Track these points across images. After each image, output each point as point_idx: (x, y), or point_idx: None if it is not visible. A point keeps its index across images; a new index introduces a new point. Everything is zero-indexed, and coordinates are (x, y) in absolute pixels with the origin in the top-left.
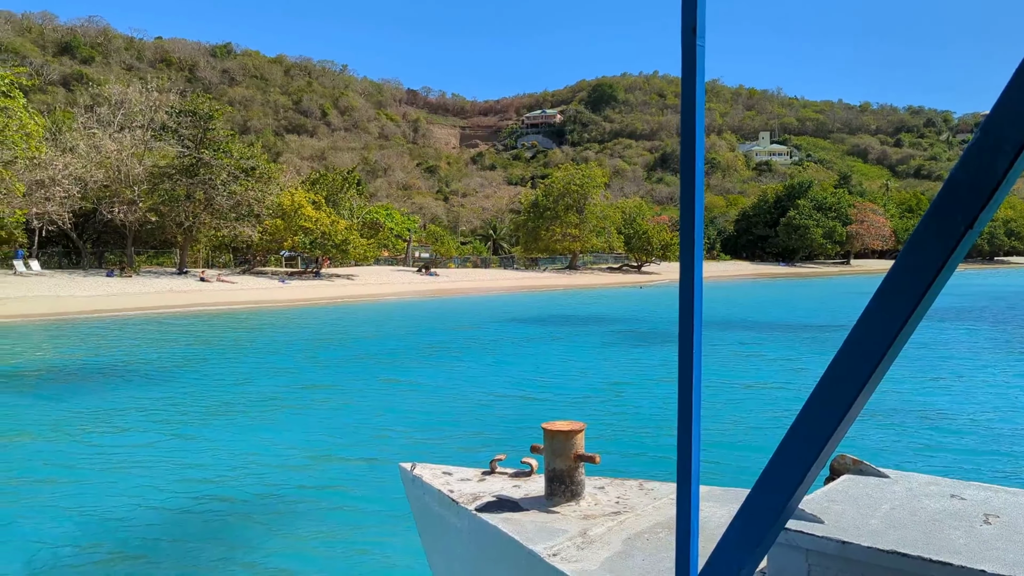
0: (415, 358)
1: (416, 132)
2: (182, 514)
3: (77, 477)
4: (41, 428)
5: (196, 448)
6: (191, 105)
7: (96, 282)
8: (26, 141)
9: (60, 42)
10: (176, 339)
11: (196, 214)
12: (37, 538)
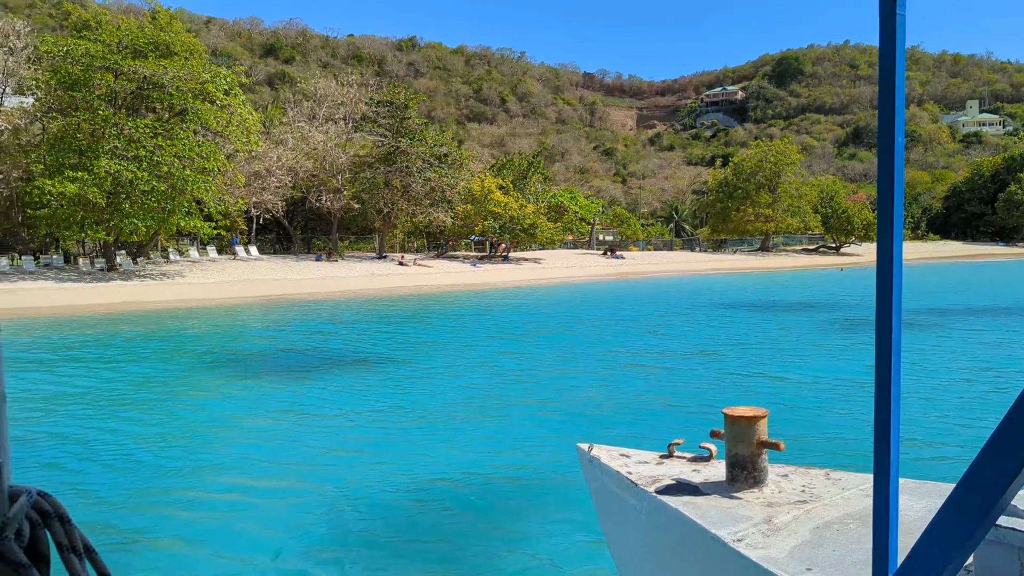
0: (611, 338)
1: (593, 115)
2: (414, 500)
3: (309, 459)
4: (280, 409)
5: (424, 432)
6: (388, 95)
7: (306, 266)
8: (246, 136)
9: (265, 44)
10: (394, 320)
11: (394, 201)
12: (286, 522)
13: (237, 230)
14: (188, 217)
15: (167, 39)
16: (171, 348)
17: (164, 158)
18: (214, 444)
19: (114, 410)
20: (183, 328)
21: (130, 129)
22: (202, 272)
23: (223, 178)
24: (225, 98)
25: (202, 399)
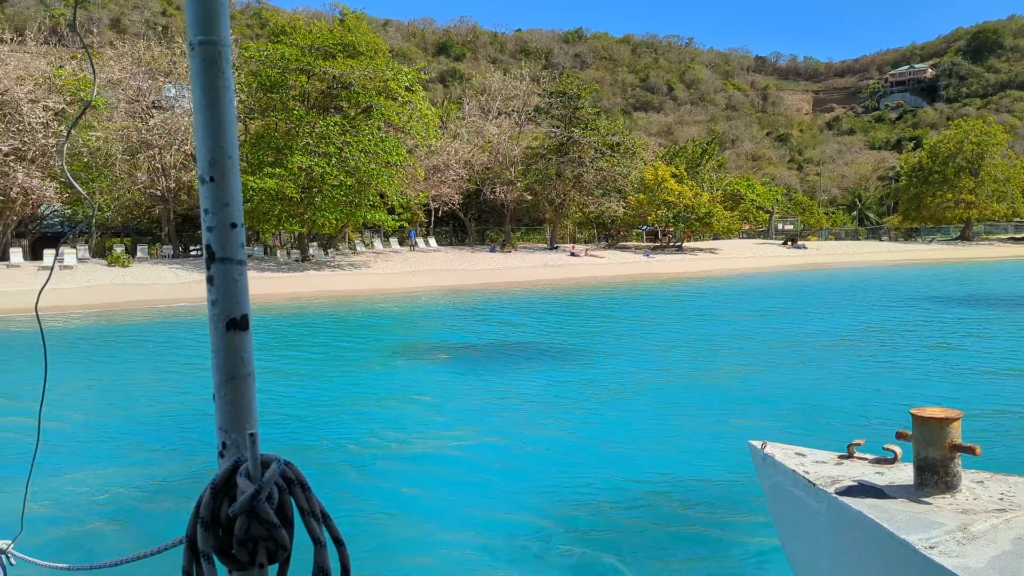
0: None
1: (765, 100)
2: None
3: (518, 449)
4: (490, 398)
5: (622, 423)
6: (561, 86)
7: (481, 257)
8: (426, 130)
9: (438, 43)
10: (574, 310)
11: (566, 191)
12: (499, 513)
13: (417, 222)
14: (373, 210)
15: (354, 40)
16: (374, 335)
17: (351, 153)
18: (416, 424)
19: (336, 392)
20: (379, 315)
21: (321, 127)
22: (386, 263)
23: (405, 172)
24: (406, 94)
25: (405, 382)
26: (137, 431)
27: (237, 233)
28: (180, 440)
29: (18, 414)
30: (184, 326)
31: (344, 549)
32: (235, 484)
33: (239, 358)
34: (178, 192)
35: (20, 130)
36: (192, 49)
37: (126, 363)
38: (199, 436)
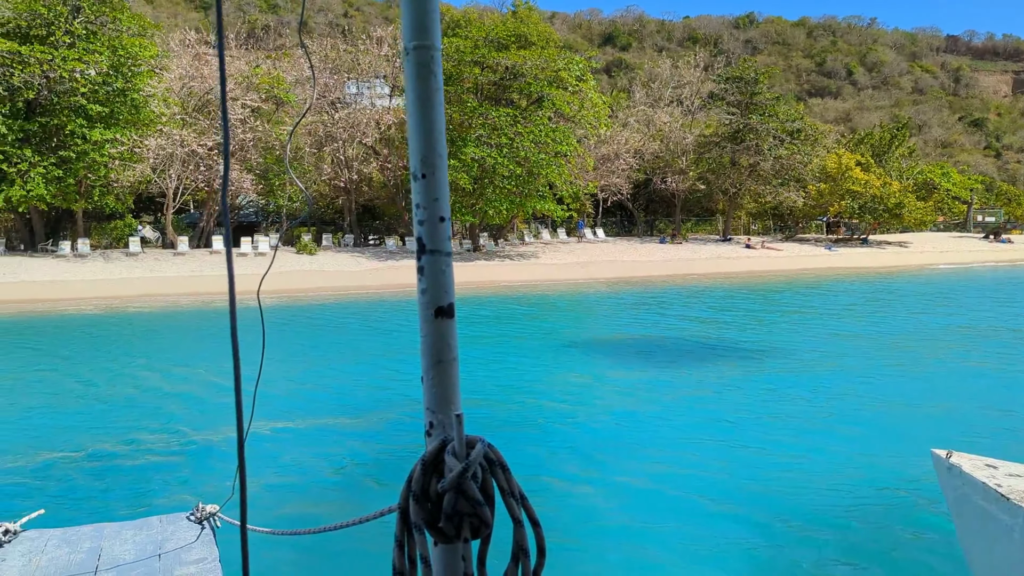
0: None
1: (957, 83)
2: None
3: (710, 450)
4: (695, 401)
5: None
6: (738, 71)
7: (651, 248)
8: (596, 119)
9: (603, 34)
10: (767, 307)
11: (741, 181)
12: (693, 511)
13: (584, 212)
14: (542, 200)
15: (525, 31)
16: (551, 325)
17: (522, 144)
18: (600, 416)
19: (519, 380)
20: (553, 305)
21: (493, 118)
22: (554, 253)
23: (574, 162)
24: (577, 84)
25: (586, 372)
26: (340, 405)
27: (445, 226)
28: (381, 418)
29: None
30: (372, 312)
31: (540, 529)
32: (443, 461)
33: (445, 344)
34: (359, 184)
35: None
36: (407, 53)
37: (329, 344)
38: (398, 414)
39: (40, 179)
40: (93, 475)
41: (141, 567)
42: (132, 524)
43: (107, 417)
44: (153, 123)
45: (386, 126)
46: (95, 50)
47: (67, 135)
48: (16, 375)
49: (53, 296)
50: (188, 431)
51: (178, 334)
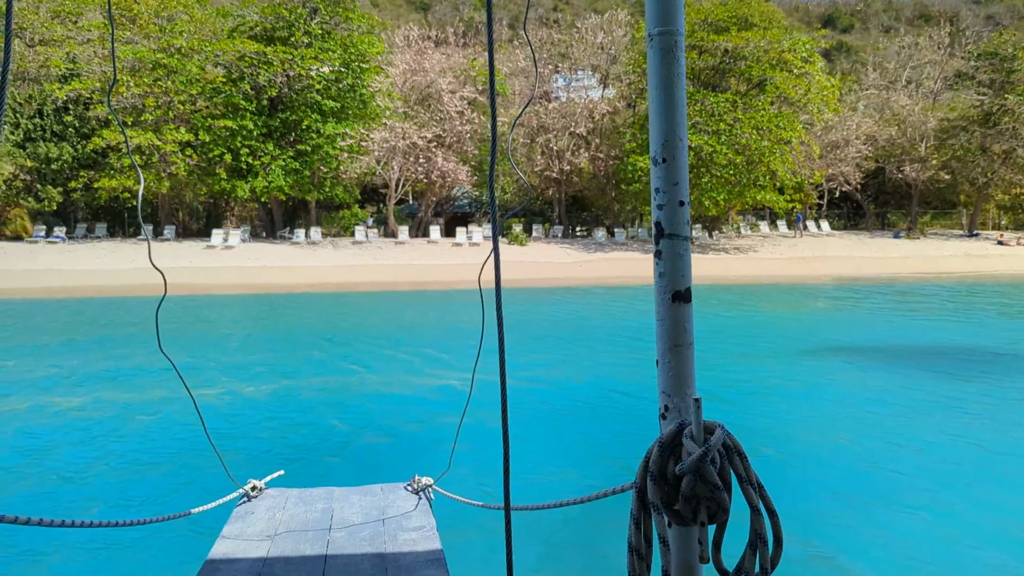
0: None
1: None
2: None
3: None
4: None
5: None
6: (992, 46)
7: (884, 244)
8: (824, 103)
9: (823, 16)
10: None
11: (992, 170)
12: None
13: (807, 204)
14: (762, 190)
15: (747, 12)
16: (787, 327)
17: (742, 130)
18: (850, 421)
19: (757, 378)
20: (786, 303)
21: (711, 103)
22: (773, 247)
23: (799, 149)
24: (803, 66)
25: (835, 377)
26: (561, 388)
27: (684, 211)
28: (602, 399)
29: (456, 368)
30: (587, 300)
31: (777, 519)
32: (680, 444)
33: (683, 328)
34: (570, 174)
35: (441, 118)
36: (651, 39)
37: (552, 331)
38: (620, 395)
39: (280, 171)
40: (324, 443)
41: (368, 529)
42: (358, 489)
43: (333, 390)
44: (378, 117)
45: (600, 115)
46: (329, 48)
47: (303, 130)
48: (272, 350)
49: (288, 281)
50: (406, 407)
51: (400, 317)
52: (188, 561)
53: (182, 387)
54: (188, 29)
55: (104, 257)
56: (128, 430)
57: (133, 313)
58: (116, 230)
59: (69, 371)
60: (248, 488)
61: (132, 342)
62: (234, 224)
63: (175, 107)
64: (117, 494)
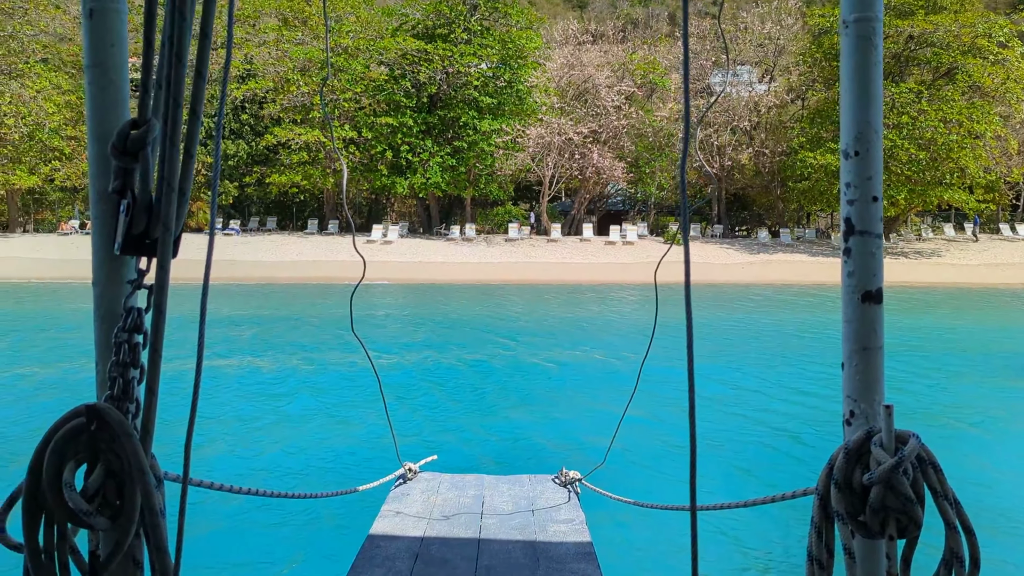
0: None
1: None
2: None
3: None
4: None
5: None
6: None
7: None
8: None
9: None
10: None
11: None
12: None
13: (1000, 205)
14: (949, 189)
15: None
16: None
17: (927, 123)
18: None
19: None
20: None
21: (892, 94)
22: (960, 252)
23: (994, 144)
24: (1000, 52)
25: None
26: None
27: (877, 207)
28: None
29: (605, 365)
30: (755, 302)
31: (974, 538)
32: (868, 452)
33: (872, 330)
34: (731, 171)
35: (597, 113)
36: (846, 26)
37: (727, 332)
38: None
39: (437, 168)
40: (473, 430)
41: (518, 518)
42: (506, 479)
43: (484, 379)
44: (534, 113)
45: (765, 109)
46: (488, 44)
47: (460, 126)
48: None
49: (442, 276)
50: (554, 401)
51: (553, 313)
52: (349, 534)
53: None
54: (355, 29)
55: (284, 248)
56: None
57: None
58: (286, 223)
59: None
60: (405, 470)
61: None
62: (393, 220)
63: (340, 105)
64: (282, 466)
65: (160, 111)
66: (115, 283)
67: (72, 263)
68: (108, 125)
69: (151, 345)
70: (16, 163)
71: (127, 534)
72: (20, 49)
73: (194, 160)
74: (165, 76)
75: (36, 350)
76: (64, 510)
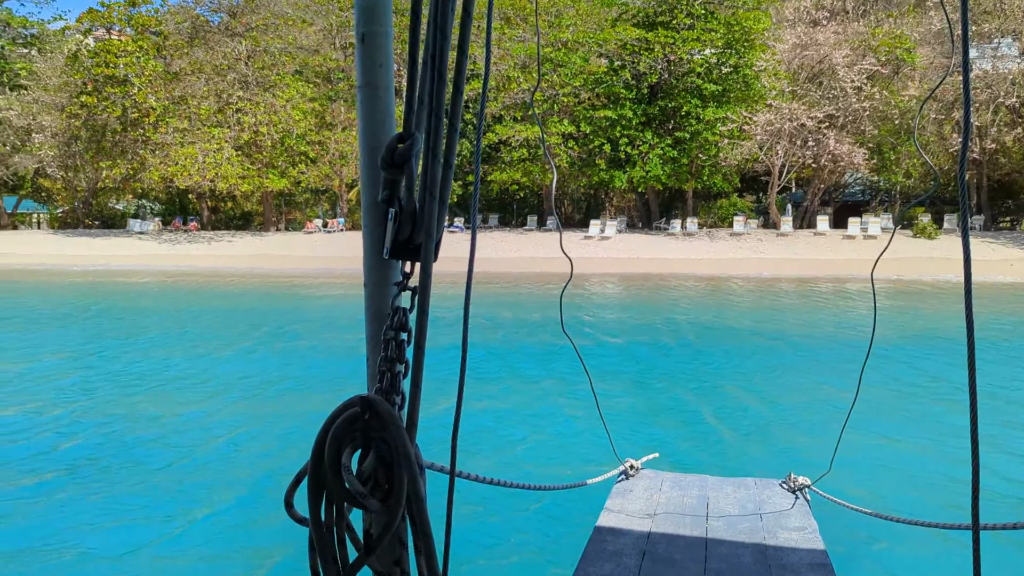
0: None
1: None
2: None
3: None
4: None
5: None
6: None
7: None
8: None
9: None
10: None
11: None
12: None
13: None
14: None
15: None
16: None
17: None
18: None
19: None
20: None
21: None
22: None
23: None
24: None
25: None
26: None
27: None
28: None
29: (833, 368)
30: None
31: None
32: None
33: None
34: (994, 154)
35: (834, 96)
36: None
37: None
38: None
39: (657, 160)
40: (693, 428)
41: (745, 522)
42: (731, 481)
43: (704, 378)
44: (762, 98)
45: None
46: (712, 29)
47: (682, 116)
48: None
49: (660, 273)
50: (779, 402)
51: (781, 314)
52: (573, 525)
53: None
54: (574, 22)
55: (503, 244)
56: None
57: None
58: (507, 220)
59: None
60: (627, 466)
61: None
62: (611, 215)
63: (559, 100)
64: (490, 458)
65: (422, 124)
66: (383, 285)
67: (315, 259)
68: (377, 139)
69: (415, 342)
70: (269, 167)
71: (396, 516)
72: (272, 63)
73: (452, 170)
74: (427, 91)
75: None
76: (342, 491)
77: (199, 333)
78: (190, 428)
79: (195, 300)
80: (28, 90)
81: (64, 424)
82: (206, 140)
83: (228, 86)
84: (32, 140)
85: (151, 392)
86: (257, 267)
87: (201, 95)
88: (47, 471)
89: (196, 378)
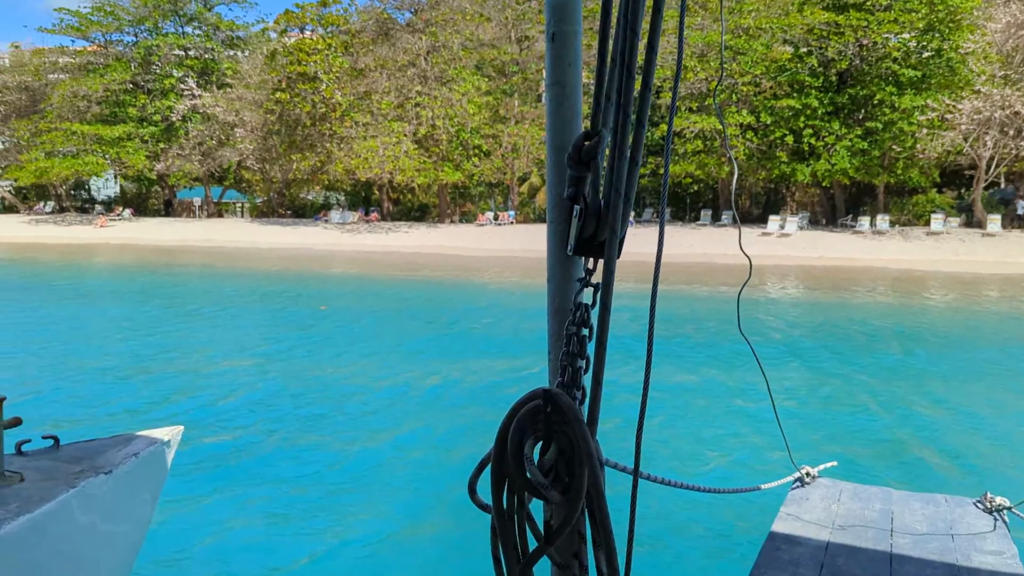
0: None
1: None
2: None
3: None
4: None
5: None
6: None
7: None
8: None
9: None
10: None
11: None
12: None
13: None
14: None
15: None
16: None
17: None
18: None
19: None
20: None
21: None
22: None
23: None
24: None
25: None
26: None
27: None
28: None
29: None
30: None
31: None
32: None
33: None
34: None
35: None
36: None
37: None
38: None
39: (845, 152)
40: (875, 438)
41: (935, 542)
42: (918, 496)
43: (881, 387)
44: (969, 84)
45: None
46: (912, 9)
47: (875, 105)
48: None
49: (844, 273)
50: (972, 417)
51: (976, 319)
52: (745, 530)
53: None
54: (757, 8)
55: (674, 239)
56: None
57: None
58: (681, 214)
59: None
60: (803, 473)
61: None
62: (792, 210)
63: (738, 89)
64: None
65: (609, 122)
66: (567, 281)
67: (480, 249)
68: (565, 137)
69: (596, 339)
70: (444, 160)
71: (575, 509)
72: (451, 58)
73: (638, 167)
74: (616, 89)
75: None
76: (524, 481)
77: (373, 326)
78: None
79: (372, 287)
80: (232, 88)
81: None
82: (386, 134)
83: (408, 81)
84: (235, 134)
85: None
86: (426, 254)
87: (383, 90)
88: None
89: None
